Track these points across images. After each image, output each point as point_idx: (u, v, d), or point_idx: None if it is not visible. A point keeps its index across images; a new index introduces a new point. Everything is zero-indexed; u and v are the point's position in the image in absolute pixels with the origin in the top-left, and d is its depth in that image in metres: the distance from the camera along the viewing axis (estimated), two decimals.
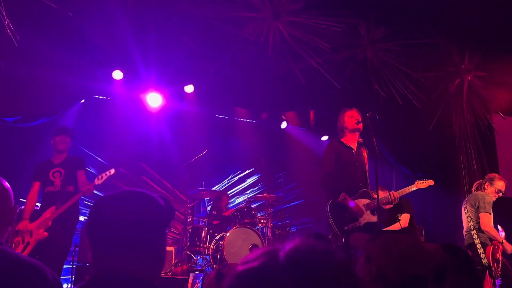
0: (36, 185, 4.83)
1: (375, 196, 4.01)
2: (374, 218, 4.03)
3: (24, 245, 4.37)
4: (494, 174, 5.49)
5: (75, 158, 4.96)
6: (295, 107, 7.38)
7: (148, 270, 1.20)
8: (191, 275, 2.29)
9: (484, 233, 5.02)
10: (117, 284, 1.14)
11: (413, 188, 4.53)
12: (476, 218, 5.09)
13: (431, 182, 4.57)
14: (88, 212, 1.26)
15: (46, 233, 4.42)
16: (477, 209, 5.10)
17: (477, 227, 5.07)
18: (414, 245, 1.61)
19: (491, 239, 4.99)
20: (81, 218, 6.49)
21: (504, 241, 5.00)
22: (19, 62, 4.96)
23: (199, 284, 2.18)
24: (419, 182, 4.57)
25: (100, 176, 4.75)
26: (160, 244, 1.25)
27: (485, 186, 5.24)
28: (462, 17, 6.63)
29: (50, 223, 4.47)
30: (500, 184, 5.21)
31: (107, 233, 1.19)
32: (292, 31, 6.19)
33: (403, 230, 4.99)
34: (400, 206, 5.28)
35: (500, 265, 4.86)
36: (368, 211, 4.05)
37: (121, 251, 1.17)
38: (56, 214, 4.49)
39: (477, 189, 5.35)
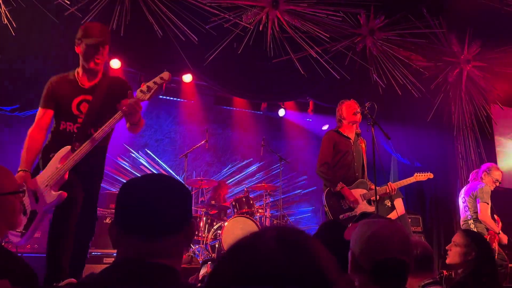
0: (47, 115, 2.99)
1: (372, 186, 4.03)
2: (371, 209, 4.05)
3: (27, 216, 2.66)
4: (491, 163, 5.51)
5: (116, 81, 3.10)
6: (294, 97, 7.37)
7: (177, 256, 1.16)
8: (205, 266, 2.26)
9: (481, 223, 5.05)
10: (141, 271, 1.08)
11: (412, 180, 4.55)
12: (474, 208, 5.12)
13: (430, 175, 4.57)
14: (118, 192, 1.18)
15: (63, 193, 2.63)
16: (474, 199, 5.12)
17: (474, 217, 5.11)
18: (384, 229, 1.51)
19: (488, 229, 5.03)
20: None
21: (500, 231, 5.03)
22: (16, 49, 4.92)
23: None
24: (418, 174, 4.57)
25: (145, 88, 2.82)
26: (192, 228, 1.21)
27: (483, 176, 5.25)
28: (462, 7, 6.59)
29: (66, 176, 2.69)
30: (497, 174, 5.24)
31: (145, 217, 1.12)
32: (291, 20, 6.15)
33: (400, 217, 5.02)
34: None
35: (496, 254, 4.90)
36: (365, 201, 4.07)
37: (156, 236, 1.12)
38: (73, 161, 2.71)
39: (474, 179, 5.37)
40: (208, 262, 2.18)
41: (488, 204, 5.04)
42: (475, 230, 5.04)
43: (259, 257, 0.67)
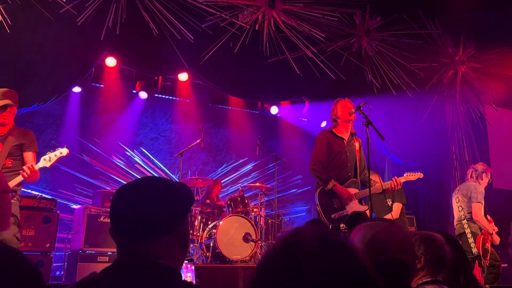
0: None
1: (373, 179, 4.04)
2: (363, 208, 4.07)
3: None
4: (484, 164, 5.51)
5: (23, 133, 3.78)
6: (290, 96, 7.38)
7: (171, 257, 1.21)
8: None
9: (475, 223, 5.06)
10: (139, 270, 1.14)
11: (402, 179, 4.42)
12: (468, 208, 5.13)
13: (420, 175, 4.48)
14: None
15: None
16: (469, 199, 5.13)
17: (468, 217, 5.12)
18: (384, 230, 1.59)
19: (481, 229, 5.05)
20: (74, 206, 6.51)
21: (493, 232, 5.06)
22: (11, 45, 4.90)
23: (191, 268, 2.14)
24: (408, 174, 4.46)
25: (47, 157, 3.64)
26: (183, 229, 1.25)
27: (483, 177, 5.26)
28: (457, 8, 6.63)
29: None
30: (490, 175, 5.30)
31: (130, 220, 1.19)
32: (287, 20, 6.16)
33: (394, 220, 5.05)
34: (392, 194, 5.32)
35: (489, 254, 4.92)
36: (356, 201, 4.08)
37: (144, 237, 1.18)
38: None
39: (476, 179, 5.32)
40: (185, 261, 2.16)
41: (482, 204, 5.06)
42: (468, 230, 5.06)
43: (303, 257, 0.71)
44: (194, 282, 2.09)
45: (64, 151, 3.69)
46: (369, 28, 6.65)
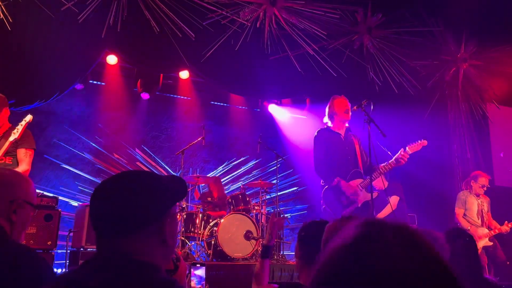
0: None
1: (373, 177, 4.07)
2: (370, 196, 4.08)
3: None
4: (477, 171, 5.84)
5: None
6: (291, 94, 7.37)
7: (148, 253, 1.16)
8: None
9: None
10: (115, 266, 1.12)
11: (408, 152, 4.45)
12: None
13: (424, 143, 4.51)
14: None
15: None
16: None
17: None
18: (337, 223, 1.53)
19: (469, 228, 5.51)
20: (75, 203, 6.52)
21: (470, 227, 5.48)
22: (12, 43, 4.90)
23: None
24: (411, 146, 4.50)
25: (15, 130, 3.73)
26: (162, 225, 1.19)
27: (471, 184, 5.71)
28: (458, 6, 6.62)
29: None
30: (483, 180, 5.65)
31: (106, 215, 1.17)
32: (288, 18, 6.15)
33: (393, 212, 5.11)
34: (389, 188, 5.40)
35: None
36: (364, 190, 4.10)
37: (120, 232, 1.15)
38: None
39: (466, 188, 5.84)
40: (196, 265, 2.16)
41: (460, 208, 5.69)
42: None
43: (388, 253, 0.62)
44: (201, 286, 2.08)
45: (27, 118, 3.78)
46: (371, 25, 6.63)
